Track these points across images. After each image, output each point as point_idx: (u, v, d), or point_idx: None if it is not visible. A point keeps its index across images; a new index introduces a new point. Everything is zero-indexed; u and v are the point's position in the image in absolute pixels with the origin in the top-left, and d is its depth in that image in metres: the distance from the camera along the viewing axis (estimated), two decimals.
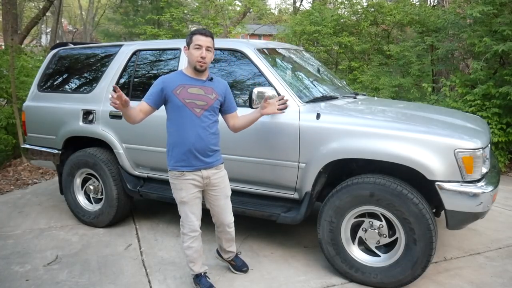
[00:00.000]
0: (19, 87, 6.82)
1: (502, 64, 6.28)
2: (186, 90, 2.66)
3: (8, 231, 4.11)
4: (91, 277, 3.19)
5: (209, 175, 2.75)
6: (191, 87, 2.68)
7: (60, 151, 4.25)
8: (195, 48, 2.62)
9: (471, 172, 2.68)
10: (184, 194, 2.73)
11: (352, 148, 2.89)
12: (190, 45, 2.65)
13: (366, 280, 2.95)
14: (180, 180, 2.71)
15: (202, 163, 2.71)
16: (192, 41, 2.64)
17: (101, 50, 4.32)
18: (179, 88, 2.66)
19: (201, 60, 2.62)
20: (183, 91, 2.66)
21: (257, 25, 18.74)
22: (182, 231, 2.83)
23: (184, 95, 2.65)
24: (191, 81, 2.70)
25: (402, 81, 7.36)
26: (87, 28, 26.34)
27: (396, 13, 8.52)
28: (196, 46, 2.61)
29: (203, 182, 2.75)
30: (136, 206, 4.49)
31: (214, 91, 2.74)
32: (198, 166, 2.70)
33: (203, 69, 2.66)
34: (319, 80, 4.05)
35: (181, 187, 2.72)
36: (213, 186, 2.80)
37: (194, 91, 2.67)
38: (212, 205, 2.88)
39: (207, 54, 2.63)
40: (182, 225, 2.83)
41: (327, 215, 2.99)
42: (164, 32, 10.87)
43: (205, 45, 2.62)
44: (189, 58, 2.69)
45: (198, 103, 2.67)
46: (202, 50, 2.61)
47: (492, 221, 4.14)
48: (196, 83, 2.70)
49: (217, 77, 2.86)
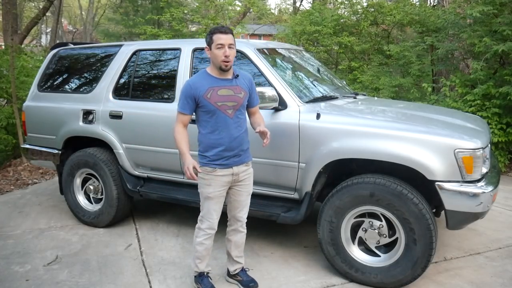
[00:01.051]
0: (19, 87, 6.82)
1: (502, 64, 6.28)
2: (216, 92, 2.60)
3: (8, 231, 4.11)
4: (91, 277, 3.19)
5: (239, 171, 2.74)
6: (220, 88, 2.62)
7: (60, 151, 4.25)
8: (218, 47, 2.55)
9: (471, 172, 2.68)
10: (211, 190, 2.70)
11: (352, 148, 2.89)
12: (212, 45, 2.58)
13: (366, 280, 2.94)
14: (211, 176, 2.68)
15: (235, 160, 2.71)
16: (213, 41, 2.57)
17: (101, 50, 4.32)
18: (209, 91, 2.59)
19: (225, 59, 2.55)
20: (213, 95, 2.60)
21: (257, 25, 18.74)
22: (199, 226, 2.82)
23: (215, 98, 2.60)
24: (219, 82, 2.63)
25: (402, 81, 7.36)
26: (87, 28, 26.32)
27: (396, 13, 8.51)
28: (218, 45, 2.54)
29: (232, 179, 2.74)
30: (136, 206, 4.49)
31: (242, 88, 2.69)
32: (231, 164, 2.70)
33: (228, 68, 2.60)
34: (319, 80, 4.05)
35: (210, 183, 2.69)
36: (240, 182, 2.79)
37: (224, 93, 2.62)
38: (232, 199, 2.84)
39: (230, 52, 2.55)
40: (200, 220, 2.82)
41: (327, 215, 2.99)
42: (164, 32, 10.86)
43: (227, 43, 2.55)
44: (212, 59, 2.61)
45: (229, 105, 2.63)
46: (225, 48, 2.54)
47: (492, 221, 4.13)
48: (225, 83, 2.64)
49: (242, 72, 2.80)
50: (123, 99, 3.91)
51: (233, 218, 2.92)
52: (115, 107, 3.89)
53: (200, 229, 2.82)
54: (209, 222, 2.78)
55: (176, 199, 3.67)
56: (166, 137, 3.59)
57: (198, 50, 3.64)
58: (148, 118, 3.71)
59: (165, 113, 3.60)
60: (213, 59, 2.61)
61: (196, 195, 2.94)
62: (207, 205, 2.76)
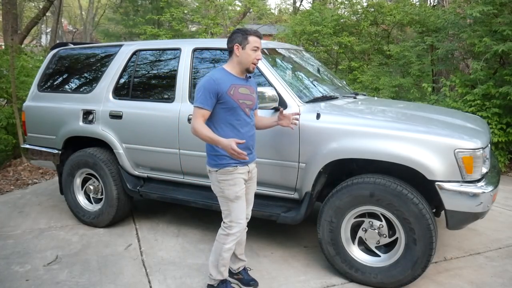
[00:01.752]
0: (19, 87, 6.82)
1: (502, 64, 6.28)
2: (238, 90, 2.63)
3: (8, 231, 4.11)
4: (91, 277, 3.19)
5: (251, 168, 2.79)
6: (241, 87, 2.66)
7: (60, 151, 4.25)
8: (253, 49, 2.60)
9: (471, 172, 2.68)
10: (238, 189, 2.68)
11: (352, 148, 2.89)
12: (246, 46, 2.60)
13: (366, 280, 2.95)
14: (233, 175, 2.66)
15: (251, 158, 2.74)
16: (249, 42, 2.59)
17: (101, 50, 4.32)
18: (231, 88, 2.60)
19: (256, 62, 2.64)
20: (236, 92, 2.61)
21: (257, 25, 18.72)
22: (229, 232, 2.70)
23: (238, 95, 2.62)
24: (239, 81, 2.66)
25: (402, 81, 7.36)
26: (87, 28, 26.32)
27: (396, 13, 8.51)
28: (254, 47, 2.60)
29: (248, 176, 2.77)
30: (136, 206, 4.49)
31: (254, 89, 2.77)
32: (248, 162, 2.72)
33: (253, 71, 2.69)
34: (319, 80, 4.05)
35: (235, 182, 2.67)
36: (251, 180, 2.83)
37: (243, 91, 2.66)
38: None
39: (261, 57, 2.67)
40: (229, 227, 2.71)
41: (327, 215, 2.99)
42: (164, 32, 10.85)
43: (261, 47, 2.65)
44: (242, 58, 2.61)
45: (247, 103, 2.67)
46: (259, 52, 2.63)
47: (492, 221, 4.14)
48: (243, 82, 2.68)
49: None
50: (123, 99, 3.91)
51: None
52: (115, 107, 3.89)
53: (230, 235, 2.71)
54: (240, 224, 2.72)
55: (176, 199, 3.67)
56: (166, 137, 3.59)
57: (198, 50, 3.64)
58: (148, 118, 3.71)
59: (165, 113, 3.61)
60: (243, 59, 2.62)
61: (196, 195, 2.94)
62: (236, 206, 2.69)
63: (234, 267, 3.03)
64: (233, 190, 2.67)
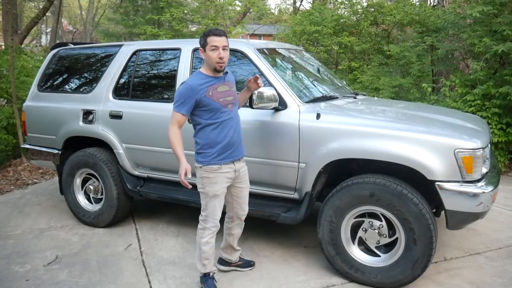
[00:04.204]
0: (19, 87, 6.82)
1: (502, 64, 6.28)
2: (216, 89, 2.69)
3: (8, 231, 4.11)
4: (91, 277, 3.19)
5: (239, 167, 2.81)
6: (219, 85, 2.71)
7: (60, 151, 4.25)
8: (212, 49, 2.62)
9: (471, 172, 2.68)
10: (218, 188, 2.74)
11: (352, 148, 2.89)
12: (206, 47, 2.64)
13: (366, 280, 2.95)
14: (217, 174, 2.72)
15: (236, 155, 2.77)
16: (207, 43, 2.63)
17: (101, 50, 4.32)
18: (209, 90, 2.66)
19: (220, 61, 2.63)
20: (214, 92, 2.67)
21: (257, 25, 18.73)
22: (205, 226, 2.83)
23: (217, 95, 2.68)
24: (216, 80, 2.71)
25: (402, 81, 7.36)
26: (87, 28, 26.32)
27: (396, 13, 8.51)
28: (213, 47, 2.62)
29: (234, 175, 2.80)
30: (136, 206, 4.49)
31: (232, 83, 2.82)
32: (233, 158, 2.75)
33: (222, 69, 2.69)
34: (319, 80, 4.05)
35: (217, 180, 2.73)
36: (240, 179, 2.87)
37: (222, 89, 2.71)
38: (235, 197, 2.91)
39: (225, 54, 2.65)
40: (205, 220, 2.83)
41: (327, 215, 2.99)
42: (164, 32, 10.85)
43: (221, 45, 2.63)
44: (207, 59, 2.67)
45: (228, 99, 2.73)
46: (219, 50, 2.62)
47: (492, 221, 4.13)
48: (220, 80, 2.73)
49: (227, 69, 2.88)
50: (123, 99, 3.91)
51: (237, 215, 2.98)
52: (115, 107, 3.89)
53: (206, 229, 2.83)
54: (215, 219, 2.81)
55: (176, 199, 3.67)
56: (166, 137, 3.57)
57: (198, 50, 3.63)
58: (148, 118, 3.71)
59: (165, 113, 3.59)
60: (208, 61, 2.68)
61: (196, 195, 2.94)
62: (213, 203, 2.78)
63: (233, 258, 3.15)
64: (213, 188, 2.74)
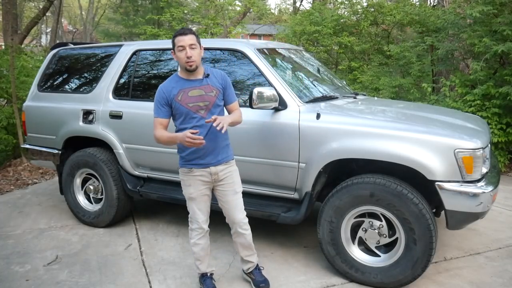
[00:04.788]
0: (19, 87, 6.82)
1: (502, 64, 6.28)
2: (187, 94, 2.62)
3: (8, 231, 4.11)
4: (91, 277, 3.19)
5: (217, 171, 2.73)
6: (191, 89, 2.64)
7: (60, 151, 4.25)
8: (179, 50, 2.58)
9: (471, 172, 2.68)
10: (192, 190, 2.74)
11: (352, 148, 2.89)
12: (175, 48, 2.61)
13: (366, 280, 2.94)
14: (188, 177, 2.73)
15: (212, 160, 2.71)
16: (175, 44, 2.60)
17: (101, 50, 4.32)
18: (179, 94, 2.63)
19: (188, 60, 2.57)
20: (184, 96, 2.62)
21: (257, 25, 18.75)
22: (191, 226, 2.85)
23: (186, 100, 2.62)
24: (189, 84, 2.64)
25: (402, 81, 7.36)
26: (87, 28, 26.34)
27: (396, 13, 8.52)
28: (180, 47, 2.57)
29: (211, 178, 2.73)
30: (136, 206, 4.49)
31: (214, 87, 2.67)
32: (207, 164, 2.70)
33: (193, 68, 2.61)
34: (319, 80, 4.05)
35: (190, 183, 2.74)
36: (221, 182, 2.76)
37: (195, 94, 2.64)
38: (221, 201, 2.83)
39: (192, 53, 2.56)
40: (190, 221, 2.85)
41: (327, 215, 2.99)
42: (164, 32, 10.86)
43: (187, 44, 2.56)
44: (178, 61, 2.65)
45: (201, 105, 2.63)
46: (186, 50, 2.56)
47: (492, 221, 4.13)
48: (195, 84, 2.65)
49: (214, 70, 2.79)
50: (123, 99, 3.91)
51: (230, 221, 2.89)
52: (115, 107, 3.89)
53: (192, 230, 2.86)
54: (198, 222, 2.81)
55: (176, 199, 3.67)
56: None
57: None
58: (148, 118, 3.68)
59: None
60: (179, 62, 2.65)
61: None
62: (191, 205, 2.81)
63: (244, 267, 3.07)
64: (188, 190, 2.77)
